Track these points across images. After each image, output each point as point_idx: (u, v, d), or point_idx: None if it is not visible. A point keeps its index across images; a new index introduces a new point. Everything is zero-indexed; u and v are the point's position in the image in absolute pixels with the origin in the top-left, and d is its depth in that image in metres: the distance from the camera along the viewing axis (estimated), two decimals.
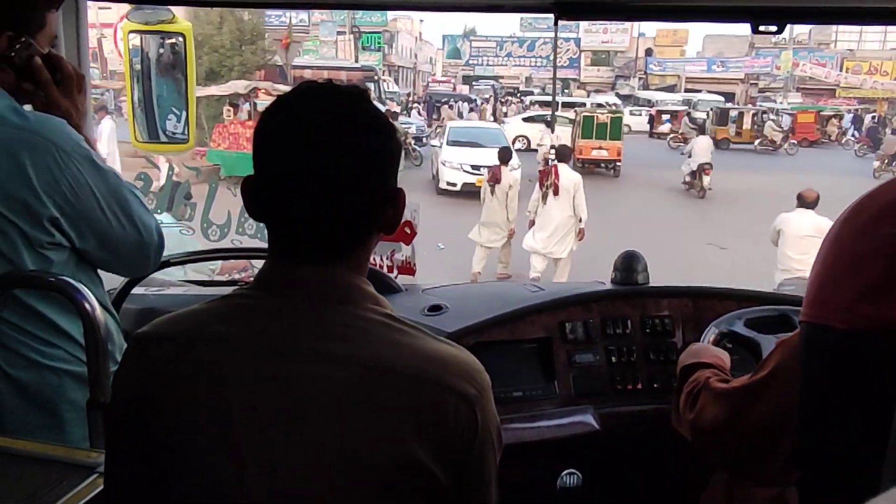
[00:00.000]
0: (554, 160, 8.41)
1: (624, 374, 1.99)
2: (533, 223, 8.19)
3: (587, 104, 27.93)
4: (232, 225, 4.67)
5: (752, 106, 32.64)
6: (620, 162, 18.71)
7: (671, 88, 43.93)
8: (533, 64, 48.59)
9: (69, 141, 1.39)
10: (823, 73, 42.40)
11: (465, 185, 14.26)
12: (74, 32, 1.87)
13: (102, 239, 1.46)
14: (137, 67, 2.12)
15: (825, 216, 6.16)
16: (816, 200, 6.52)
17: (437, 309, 2.03)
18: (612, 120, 18.95)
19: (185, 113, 2.17)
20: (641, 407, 1.95)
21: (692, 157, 16.24)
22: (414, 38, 50.26)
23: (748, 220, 12.19)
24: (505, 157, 8.73)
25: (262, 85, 17.88)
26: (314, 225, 0.89)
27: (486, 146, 14.99)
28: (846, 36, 44.59)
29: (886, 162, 20.11)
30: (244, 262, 4.10)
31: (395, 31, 44.81)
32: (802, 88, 43.15)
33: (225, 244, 4.59)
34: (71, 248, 1.43)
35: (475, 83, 44.90)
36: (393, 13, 37.77)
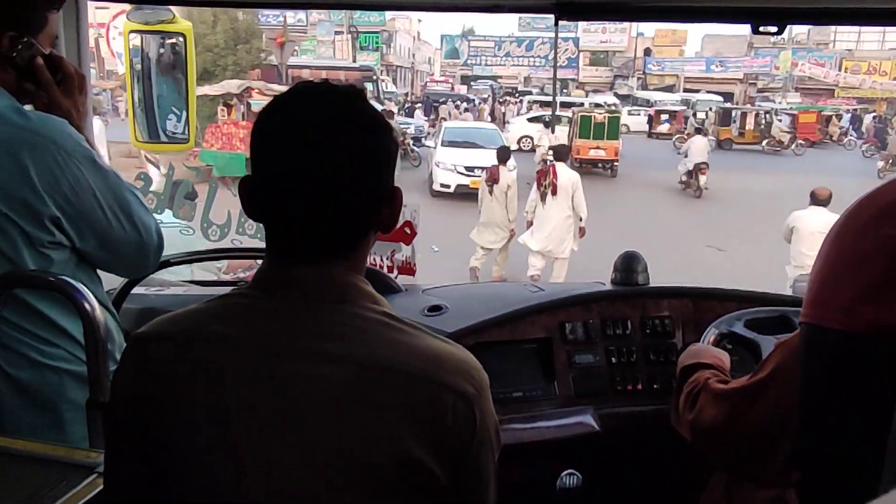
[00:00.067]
0: (552, 160, 8.34)
1: (624, 374, 1.98)
2: (531, 224, 8.13)
3: (585, 104, 27.86)
4: (232, 225, 4.68)
5: (751, 106, 32.64)
6: (618, 162, 18.68)
7: (670, 88, 43.94)
8: (531, 64, 48.58)
9: (70, 141, 1.39)
10: (822, 72, 42.43)
11: (458, 186, 14.03)
12: (75, 33, 1.86)
13: (102, 239, 1.46)
14: (138, 67, 2.13)
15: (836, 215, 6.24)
16: (829, 198, 6.64)
17: (437, 309, 2.03)
18: (609, 120, 18.89)
19: (185, 113, 2.17)
20: (641, 408, 1.95)
21: (688, 156, 16.24)
22: (412, 37, 50.20)
23: (749, 220, 12.21)
24: (504, 156, 8.67)
25: (255, 84, 17.78)
26: (311, 225, 0.89)
27: (481, 147, 14.82)
28: (845, 36, 44.62)
29: (891, 162, 20.05)
30: (250, 261, 4.09)
31: (393, 30, 44.78)
32: (801, 88, 43.19)
33: (225, 244, 4.60)
34: (71, 247, 1.43)
35: (473, 83, 44.87)
36: (391, 13, 37.70)
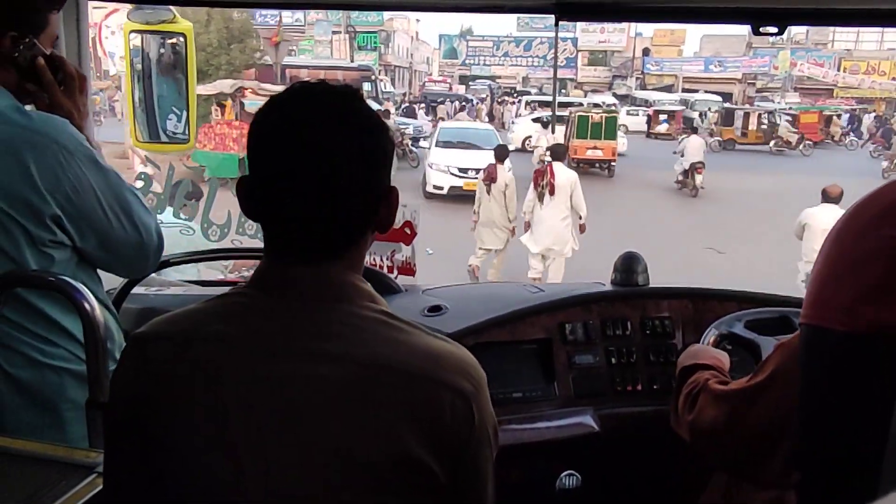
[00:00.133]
0: (549, 160, 8.31)
1: (624, 375, 1.98)
2: (528, 224, 8.10)
3: (584, 104, 27.78)
4: (232, 225, 4.68)
5: (749, 106, 32.63)
6: (615, 162, 18.67)
7: (668, 88, 43.94)
8: (530, 64, 48.53)
9: (72, 140, 1.40)
10: (821, 72, 42.43)
11: (451, 188, 13.82)
12: (75, 33, 1.87)
13: (102, 239, 1.46)
14: (138, 67, 2.12)
15: None
16: (840, 196, 6.80)
17: (437, 309, 2.03)
18: (606, 119, 18.85)
19: (185, 113, 2.17)
20: (641, 408, 1.95)
21: (684, 156, 16.25)
22: (410, 37, 50.09)
23: (748, 220, 12.20)
24: (501, 154, 8.63)
25: (248, 84, 17.65)
26: (308, 224, 0.89)
27: (477, 147, 14.56)
28: (843, 36, 44.63)
29: (895, 162, 20.06)
30: (255, 260, 4.09)
31: (391, 30, 44.65)
32: (800, 88, 43.17)
33: (225, 244, 4.60)
34: (72, 246, 1.44)
35: (472, 83, 44.81)
36: (389, 12, 37.66)
